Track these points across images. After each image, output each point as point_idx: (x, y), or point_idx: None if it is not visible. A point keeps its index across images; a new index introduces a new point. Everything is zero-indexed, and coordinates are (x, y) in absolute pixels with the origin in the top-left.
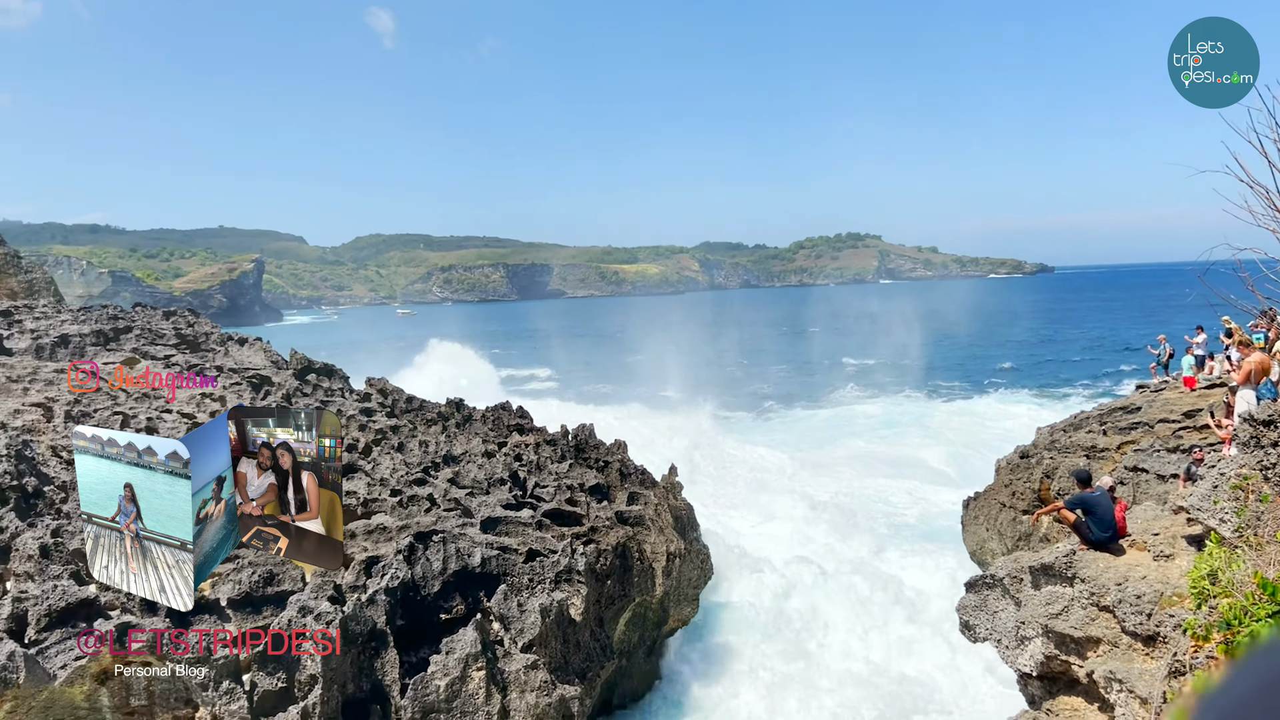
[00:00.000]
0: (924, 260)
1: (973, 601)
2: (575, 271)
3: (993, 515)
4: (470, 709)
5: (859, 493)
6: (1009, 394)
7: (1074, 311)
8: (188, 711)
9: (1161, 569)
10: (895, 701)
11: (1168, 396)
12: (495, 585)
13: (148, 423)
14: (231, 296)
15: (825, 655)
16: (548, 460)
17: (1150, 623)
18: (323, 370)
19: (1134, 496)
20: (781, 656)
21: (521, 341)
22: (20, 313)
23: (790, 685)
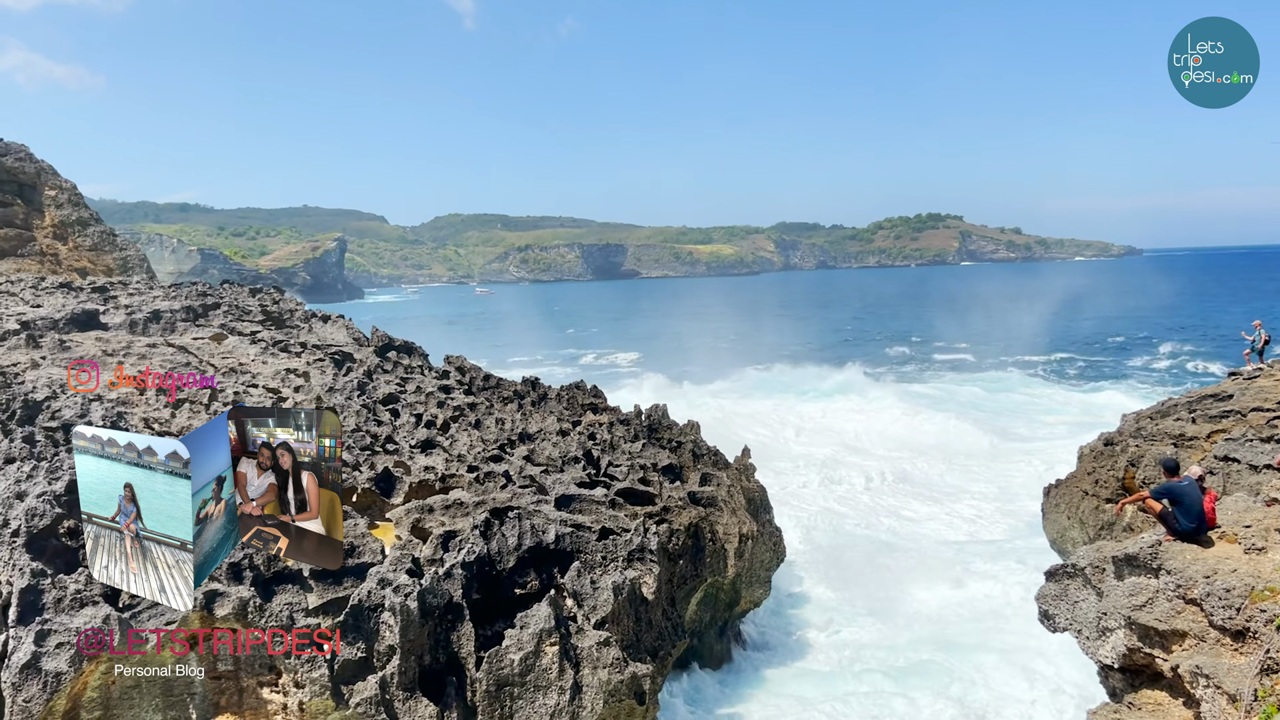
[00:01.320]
0: (1006, 242)
1: (1053, 591)
2: (650, 252)
3: (1074, 503)
4: (544, 683)
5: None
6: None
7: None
8: (271, 677)
9: (1253, 562)
10: (970, 688)
11: (1262, 384)
12: (569, 562)
13: (234, 397)
14: (315, 274)
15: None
16: (621, 440)
17: (1240, 617)
18: (403, 348)
19: (1224, 487)
20: (854, 628)
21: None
22: (115, 289)
23: (864, 660)
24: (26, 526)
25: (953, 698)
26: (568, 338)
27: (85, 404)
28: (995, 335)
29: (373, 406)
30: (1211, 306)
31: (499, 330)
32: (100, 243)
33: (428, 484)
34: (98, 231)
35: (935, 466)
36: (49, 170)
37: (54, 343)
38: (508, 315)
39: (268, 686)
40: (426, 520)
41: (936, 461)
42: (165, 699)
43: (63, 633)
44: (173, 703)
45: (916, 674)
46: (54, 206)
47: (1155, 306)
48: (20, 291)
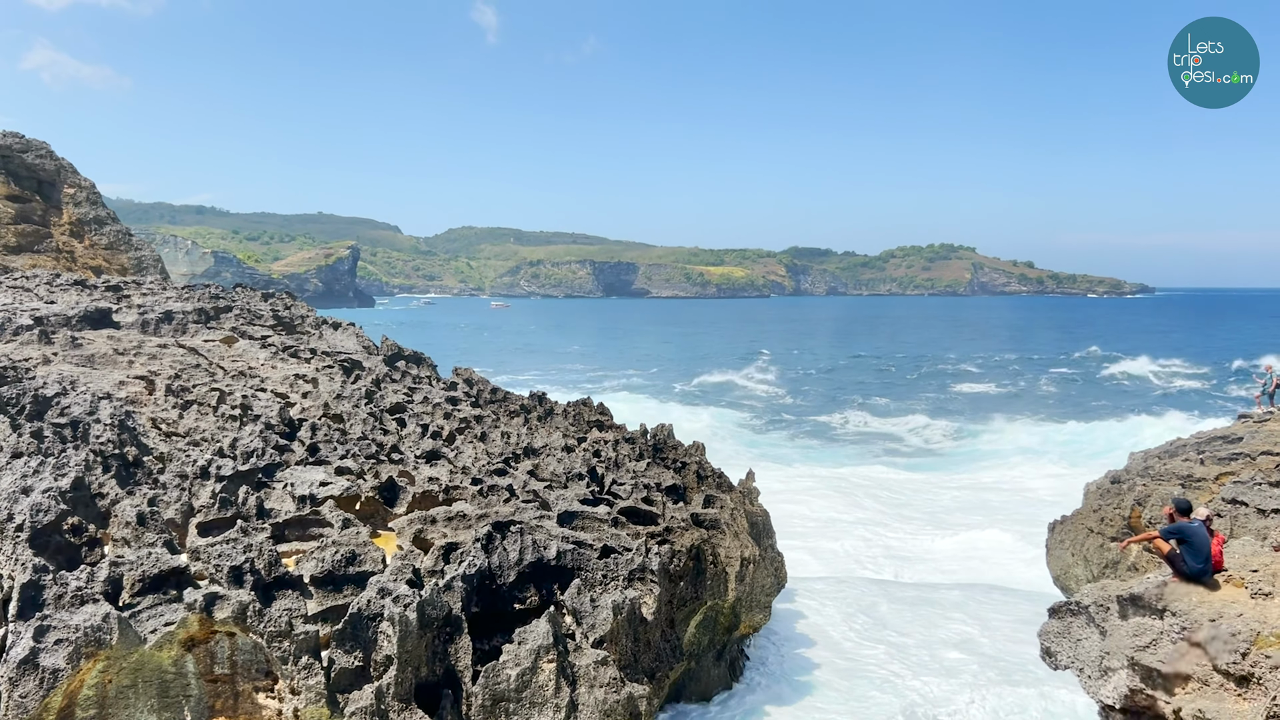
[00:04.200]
0: (1019, 275)
1: (1055, 628)
2: (661, 271)
3: (1079, 540)
4: (539, 700)
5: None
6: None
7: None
8: (267, 683)
9: (1259, 607)
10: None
11: (1272, 428)
12: (569, 579)
13: (242, 400)
14: (327, 281)
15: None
16: (625, 458)
17: (1245, 662)
18: (411, 357)
19: (1231, 530)
20: (854, 662)
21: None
22: (129, 288)
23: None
24: (31, 522)
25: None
26: (577, 354)
27: (94, 402)
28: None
29: (379, 415)
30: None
31: (518, 342)
32: (116, 242)
33: (431, 495)
34: (114, 230)
35: None
36: (68, 168)
37: (66, 339)
38: (524, 329)
39: (264, 692)
40: (429, 531)
41: None
42: (161, 700)
43: (62, 629)
44: (168, 704)
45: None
46: (72, 204)
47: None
48: (35, 287)
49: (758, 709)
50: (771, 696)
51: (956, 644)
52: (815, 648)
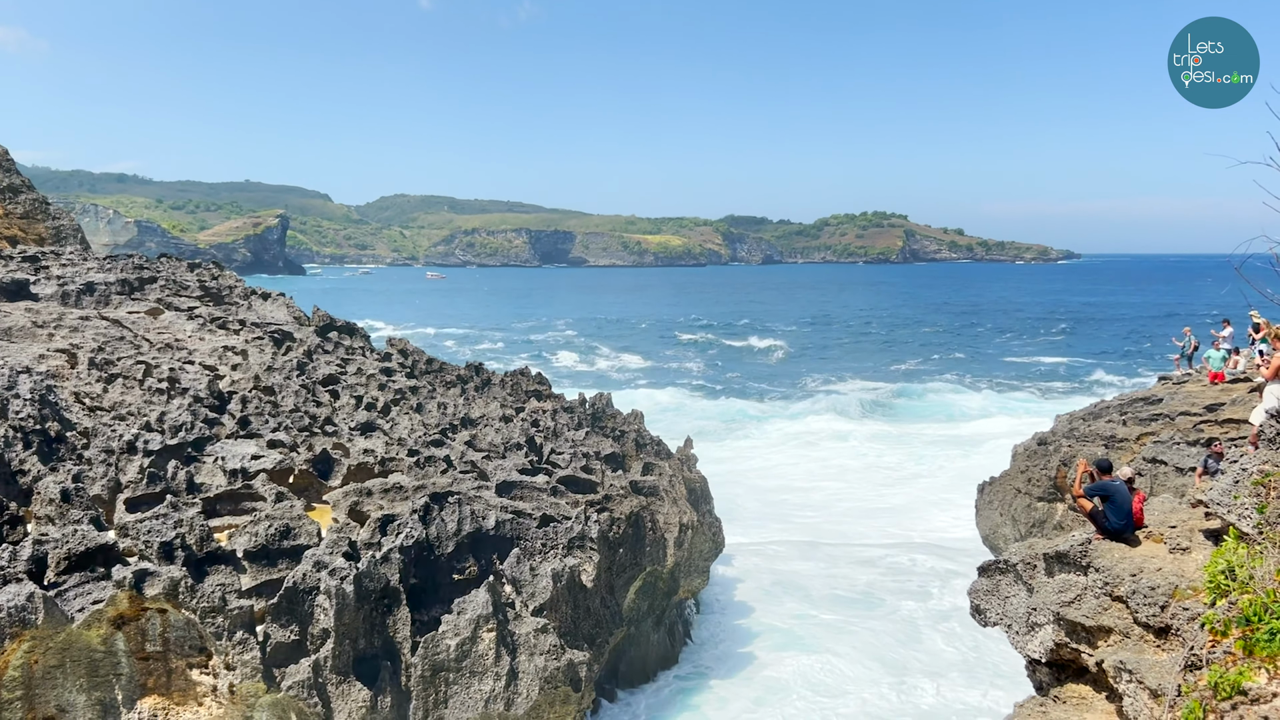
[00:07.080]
0: (949, 242)
1: (985, 586)
2: (598, 240)
3: (1007, 501)
4: (479, 669)
5: None
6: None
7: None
8: (201, 659)
9: (1177, 562)
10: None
11: (1190, 389)
12: (508, 548)
13: (169, 373)
14: (256, 251)
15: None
16: (564, 427)
17: (1164, 615)
18: (344, 328)
19: (1151, 488)
20: (790, 625)
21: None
22: (47, 259)
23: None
24: None
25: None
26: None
27: (13, 376)
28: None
29: (312, 387)
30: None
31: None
32: (32, 210)
33: (367, 467)
34: (29, 199)
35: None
36: None
37: None
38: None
39: (198, 668)
40: (365, 503)
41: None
42: (90, 679)
43: None
44: (98, 683)
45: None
46: None
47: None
48: None
49: (702, 688)
50: (712, 672)
51: (876, 605)
52: (753, 615)
